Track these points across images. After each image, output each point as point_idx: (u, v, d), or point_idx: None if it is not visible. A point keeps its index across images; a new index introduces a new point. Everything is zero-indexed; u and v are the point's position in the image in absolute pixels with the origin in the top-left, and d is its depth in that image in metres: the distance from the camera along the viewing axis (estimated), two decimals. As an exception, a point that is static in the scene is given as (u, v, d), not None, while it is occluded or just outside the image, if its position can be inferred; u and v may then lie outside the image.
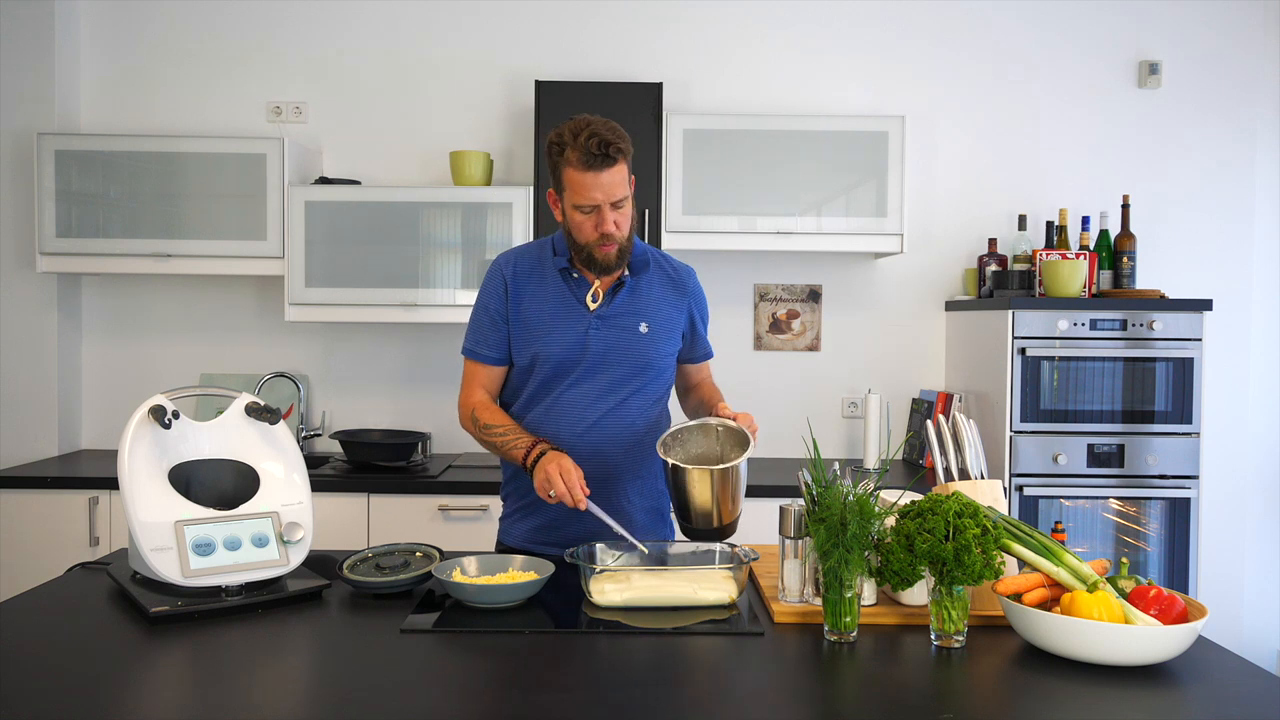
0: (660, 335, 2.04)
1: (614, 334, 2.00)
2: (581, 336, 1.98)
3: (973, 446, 1.76)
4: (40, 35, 3.45)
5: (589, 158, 1.84)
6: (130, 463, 1.69)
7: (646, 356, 2.02)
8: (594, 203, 1.88)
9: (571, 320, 1.99)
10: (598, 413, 2.00)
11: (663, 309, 2.05)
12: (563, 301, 2.00)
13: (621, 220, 1.91)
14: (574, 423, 1.99)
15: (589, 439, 2.00)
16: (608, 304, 2.01)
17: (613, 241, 1.91)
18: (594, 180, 1.86)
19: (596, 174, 1.85)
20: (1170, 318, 3.15)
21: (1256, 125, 3.68)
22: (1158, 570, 3.17)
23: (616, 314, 2.00)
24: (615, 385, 2.01)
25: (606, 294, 2.01)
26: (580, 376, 1.99)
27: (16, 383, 3.48)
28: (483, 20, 3.63)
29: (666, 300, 2.06)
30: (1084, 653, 1.39)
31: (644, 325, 2.02)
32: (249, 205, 3.30)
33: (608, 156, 1.84)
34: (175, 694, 1.35)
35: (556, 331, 1.98)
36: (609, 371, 2.00)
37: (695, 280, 2.16)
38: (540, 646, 1.50)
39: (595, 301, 2.00)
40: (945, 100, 3.66)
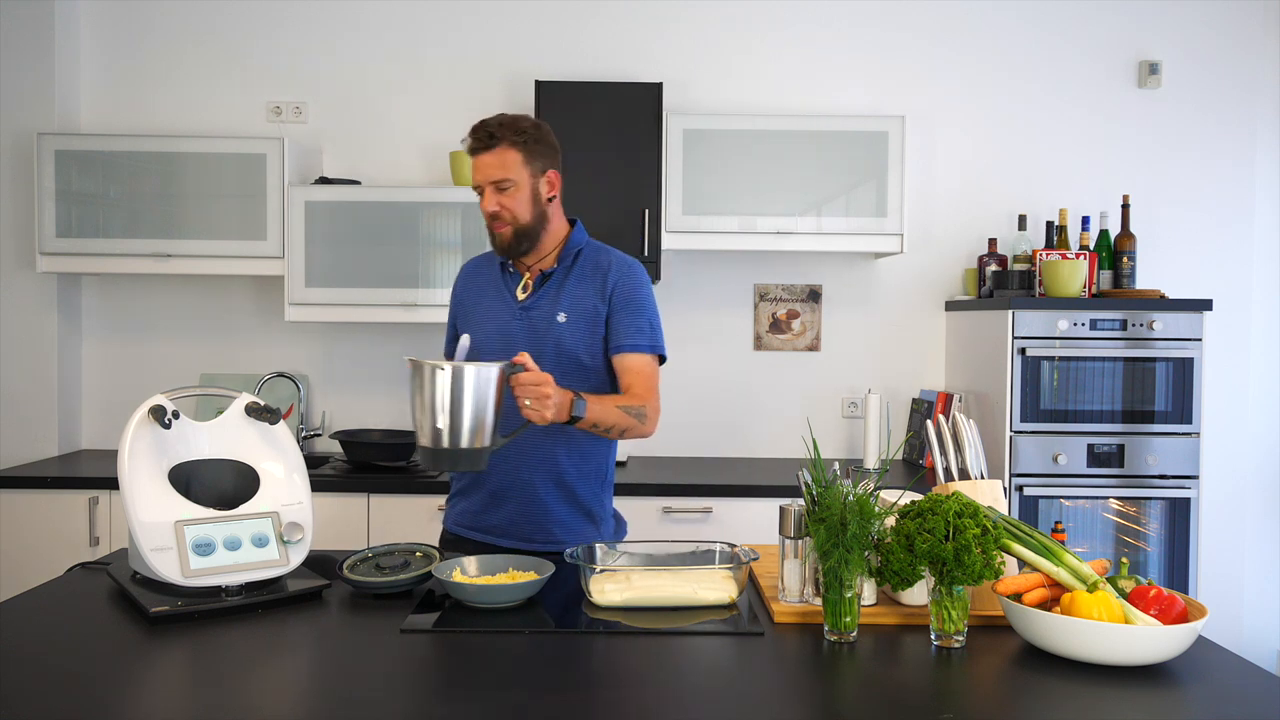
0: (579, 326, 2.05)
1: (535, 324, 2.06)
2: (506, 326, 2.08)
3: (973, 446, 1.76)
4: (40, 35, 3.45)
5: (474, 142, 2.02)
6: (130, 463, 1.69)
7: (565, 346, 2.04)
8: (477, 183, 2.03)
9: (500, 311, 2.10)
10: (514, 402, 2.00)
11: (586, 300, 2.07)
12: (496, 294, 2.12)
13: (507, 202, 2.02)
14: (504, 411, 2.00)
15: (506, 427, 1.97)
16: (533, 294, 2.08)
17: (501, 222, 2.03)
18: (475, 163, 2.02)
19: (478, 157, 2.02)
20: (1170, 318, 3.15)
21: (1256, 125, 3.68)
22: (1158, 570, 3.17)
23: (538, 304, 2.07)
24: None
25: (535, 284, 2.10)
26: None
27: (16, 383, 3.48)
28: (483, 20, 3.63)
29: (591, 291, 2.07)
30: (1084, 653, 1.39)
31: (562, 315, 2.05)
32: (249, 205, 3.30)
33: (487, 140, 2.00)
34: (175, 694, 1.35)
35: (487, 322, 2.11)
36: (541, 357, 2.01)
37: (626, 270, 2.09)
38: (540, 646, 1.50)
39: (524, 293, 2.10)
40: (945, 100, 3.66)
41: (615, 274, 2.09)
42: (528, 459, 2.05)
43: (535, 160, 2.04)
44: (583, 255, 2.11)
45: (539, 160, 2.04)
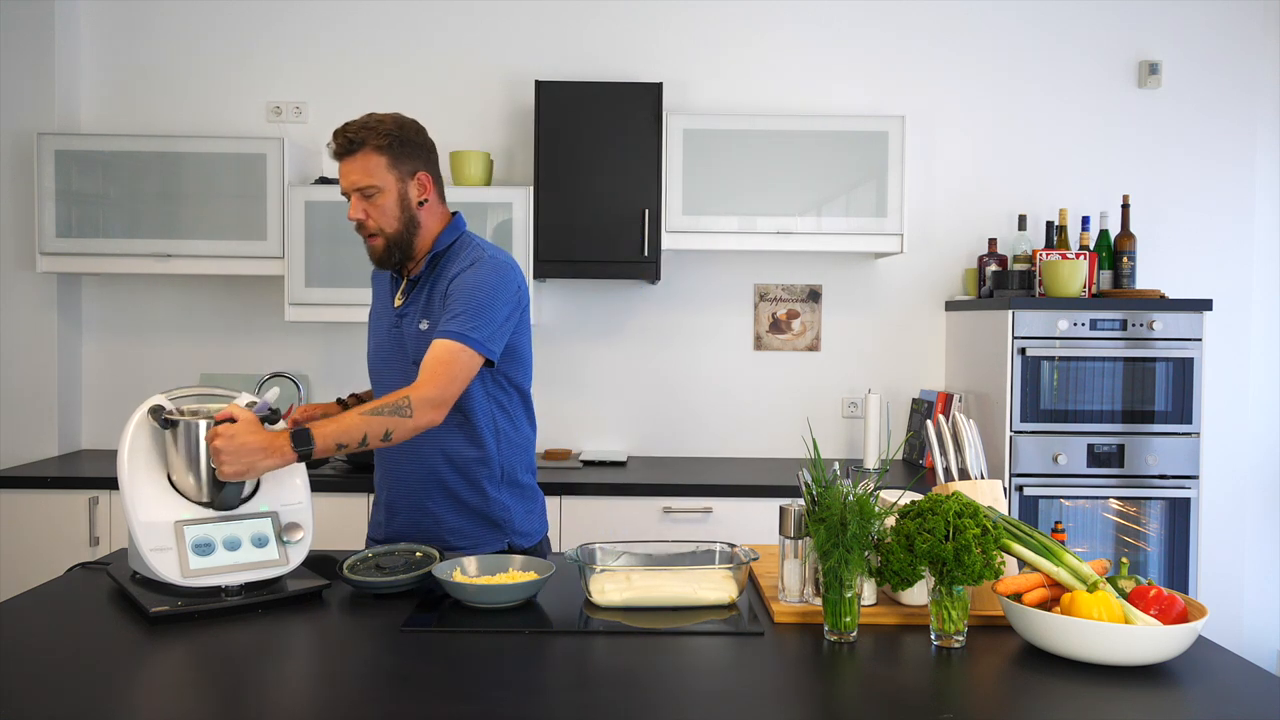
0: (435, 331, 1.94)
1: (404, 334, 2.03)
2: (383, 338, 2.07)
3: (973, 446, 1.76)
4: (40, 35, 3.45)
5: (335, 148, 1.96)
6: (130, 463, 1.69)
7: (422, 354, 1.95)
8: (343, 190, 1.97)
9: (383, 319, 2.09)
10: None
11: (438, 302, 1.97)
12: (384, 303, 2.11)
13: (373, 211, 1.96)
14: None
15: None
16: (406, 302, 2.05)
17: (368, 232, 1.98)
18: (340, 170, 1.97)
19: (341, 162, 1.97)
20: (1170, 318, 3.15)
21: (1256, 125, 3.68)
22: (1158, 570, 3.17)
23: (406, 311, 2.04)
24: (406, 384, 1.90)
25: (404, 291, 2.06)
26: (385, 376, 2.07)
27: (16, 383, 3.48)
28: (483, 20, 3.63)
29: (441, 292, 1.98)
30: (1084, 653, 1.39)
31: (424, 323, 1.99)
32: (249, 205, 3.30)
33: (346, 146, 1.94)
34: (175, 694, 1.35)
35: (373, 330, 2.12)
36: (402, 370, 2.01)
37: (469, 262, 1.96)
38: (540, 646, 1.50)
39: (401, 299, 2.06)
40: (945, 100, 3.66)
41: (459, 266, 1.96)
42: (413, 470, 2.03)
43: (403, 163, 1.96)
44: (447, 256, 2.00)
45: (407, 163, 1.96)
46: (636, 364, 3.69)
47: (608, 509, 3.07)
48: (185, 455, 1.70)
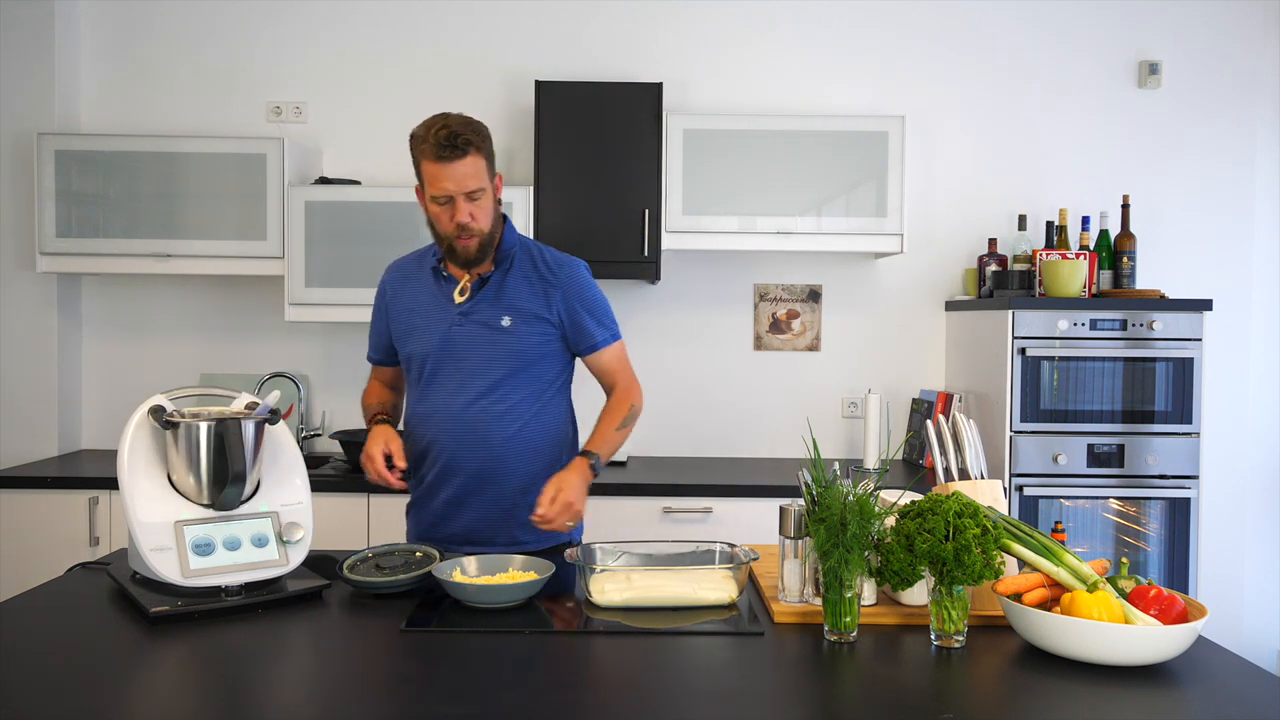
0: (524, 328, 2.05)
1: (476, 328, 2.04)
2: (445, 332, 2.05)
3: (973, 446, 1.76)
4: (40, 35, 3.45)
5: (440, 149, 1.91)
6: (130, 463, 1.69)
7: (513, 349, 2.04)
8: (446, 193, 1.94)
9: (438, 317, 2.07)
10: (468, 407, 2.03)
11: (530, 302, 2.06)
12: (432, 299, 2.08)
13: (478, 212, 1.97)
14: (448, 416, 2.05)
15: (464, 432, 2.04)
16: (472, 299, 2.05)
17: (470, 234, 1.97)
18: (445, 171, 1.92)
19: (447, 164, 1.92)
20: (1170, 318, 3.15)
21: (1256, 125, 3.68)
22: (1158, 570, 3.17)
23: (479, 308, 2.05)
24: (485, 379, 2.03)
25: (472, 288, 2.06)
26: (449, 371, 2.06)
27: (16, 383, 3.48)
28: (483, 20, 3.63)
29: (534, 293, 2.07)
30: (1084, 653, 1.39)
31: (506, 319, 2.04)
32: (249, 205, 3.30)
33: (456, 148, 1.91)
34: (175, 694, 1.35)
35: (423, 328, 2.07)
36: (476, 365, 2.04)
37: (570, 270, 2.10)
38: (540, 646, 1.50)
39: (462, 296, 2.06)
40: (945, 100, 3.66)
41: (564, 277, 2.08)
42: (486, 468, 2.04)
43: (491, 164, 1.99)
44: (518, 256, 2.08)
45: (492, 163, 2.00)
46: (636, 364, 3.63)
47: (608, 509, 3.06)
48: (185, 455, 1.70)
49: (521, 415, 2.05)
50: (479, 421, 2.03)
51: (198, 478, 1.71)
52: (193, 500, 1.71)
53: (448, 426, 2.05)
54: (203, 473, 1.70)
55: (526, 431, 2.06)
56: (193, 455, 1.70)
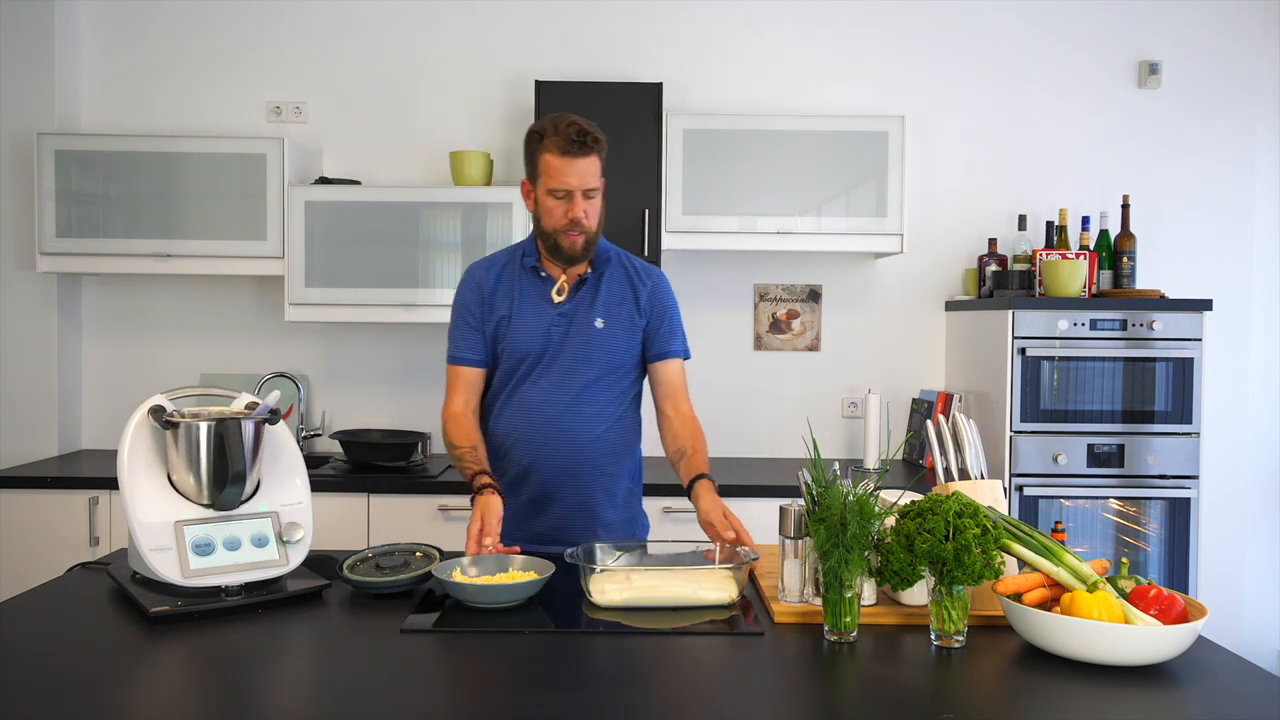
0: (617, 330, 2.09)
1: (574, 328, 2.06)
2: (545, 331, 2.06)
3: (973, 446, 1.76)
4: (40, 35, 3.45)
5: (568, 144, 1.93)
6: (130, 463, 1.69)
7: (604, 351, 2.07)
8: (568, 188, 1.96)
9: (536, 315, 2.07)
10: (561, 406, 2.06)
11: (622, 306, 2.10)
12: (529, 298, 2.08)
13: (591, 211, 2.00)
14: (539, 416, 2.06)
15: (555, 432, 2.06)
16: (570, 299, 2.07)
17: (581, 230, 1.99)
18: (569, 166, 1.94)
19: (573, 160, 1.94)
20: (1170, 318, 3.15)
21: (1256, 125, 3.68)
22: (1158, 570, 3.17)
23: (577, 309, 2.07)
24: (577, 379, 2.06)
25: (570, 289, 2.08)
26: (543, 370, 2.07)
27: (16, 383, 3.48)
28: (483, 20, 3.63)
29: (626, 298, 2.11)
30: (1084, 653, 1.39)
31: (600, 320, 2.07)
32: (249, 205, 3.30)
33: (584, 145, 1.95)
34: (175, 694, 1.35)
35: (522, 327, 2.07)
36: (570, 366, 2.06)
37: (659, 277, 2.17)
38: (540, 646, 1.50)
39: (560, 296, 2.07)
40: (945, 100, 3.66)
41: (652, 284, 2.14)
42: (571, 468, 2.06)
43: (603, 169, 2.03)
44: (612, 261, 2.13)
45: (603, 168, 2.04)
46: (636, 364, 3.68)
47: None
48: (185, 455, 1.70)
49: (607, 418, 2.09)
50: (569, 422, 2.05)
51: (198, 478, 1.71)
52: (193, 500, 1.71)
53: (538, 425, 2.06)
54: (203, 473, 1.71)
55: (610, 434, 2.10)
56: (193, 455, 1.70)
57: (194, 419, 1.71)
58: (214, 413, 1.76)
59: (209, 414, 1.75)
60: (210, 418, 1.72)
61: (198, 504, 1.71)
